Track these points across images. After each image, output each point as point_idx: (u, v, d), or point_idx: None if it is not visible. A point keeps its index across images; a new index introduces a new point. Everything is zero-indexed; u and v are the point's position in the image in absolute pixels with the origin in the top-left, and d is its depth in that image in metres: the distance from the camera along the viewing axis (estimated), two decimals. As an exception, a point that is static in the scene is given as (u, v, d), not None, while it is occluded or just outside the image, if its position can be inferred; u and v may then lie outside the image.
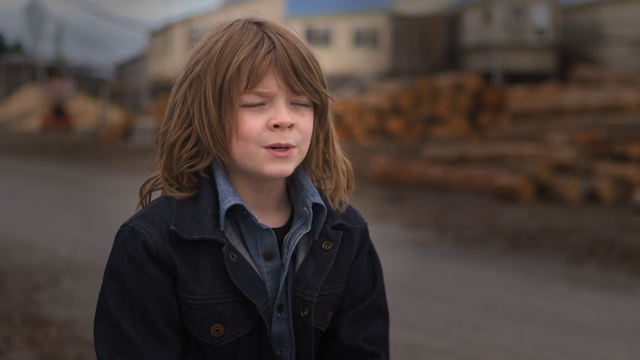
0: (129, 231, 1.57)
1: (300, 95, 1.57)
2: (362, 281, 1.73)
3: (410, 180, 14.57)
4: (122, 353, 1.54)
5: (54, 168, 19.23)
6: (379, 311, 1.74)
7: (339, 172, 1.69)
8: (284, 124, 1.54)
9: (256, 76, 1.53)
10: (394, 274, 6.79)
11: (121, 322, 1.54)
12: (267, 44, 1.55)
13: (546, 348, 5.23)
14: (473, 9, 30.51)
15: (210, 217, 1.56)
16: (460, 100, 22.00)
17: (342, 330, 1.69)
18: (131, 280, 1.54)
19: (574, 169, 13.06)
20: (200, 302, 1.56)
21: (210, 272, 1.56)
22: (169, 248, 1.55)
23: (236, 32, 1.57)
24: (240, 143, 1.55)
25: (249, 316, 1.58)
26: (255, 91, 1.54)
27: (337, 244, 1.65)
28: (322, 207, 1.63)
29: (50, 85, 39.14)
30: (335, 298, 1.68)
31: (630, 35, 26.67)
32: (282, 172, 1.57)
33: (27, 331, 5.33)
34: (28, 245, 8.54)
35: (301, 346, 1.64)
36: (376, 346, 1.71)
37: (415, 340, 5.27)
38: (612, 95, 14.87)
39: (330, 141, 1.68)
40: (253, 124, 1.54)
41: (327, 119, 1.65)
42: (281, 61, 1.54)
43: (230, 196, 1.57)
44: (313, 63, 1.58)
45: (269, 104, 1.56)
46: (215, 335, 1.57)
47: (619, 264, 7.81)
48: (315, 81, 1.58)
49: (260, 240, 1.60)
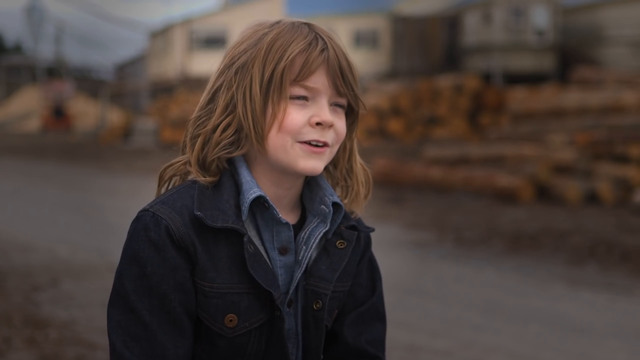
0: (150, 216, 1.56)
1: (342, 97, 1.62)
2: (363, 284, 1.76)
3: (410, 181, 14.57)
4: (136, 338, 1.53)
5: (53, 169, 19.22)
6: (378, 315, 1.77)
7: (359, 183, 1.73)
8: (326, 122, 1.58)
9: (309, 70, 1.57)
10: (394, 275, 6.79)
11: (138, 306, 1.53)
12: (320, 43, 1.59)
13: (546, 349, 5.23)
14: (473, 9, 30.50)
15: (232, 207, 1.58)
16: (460, 101, 22.00)
17: (345, 331, 1.72)
18: (152, 265, 1.54)
19: (573, 169, 13.05)
20: (218, 291, 1.57)
21: (227, 262, 1.57)
22: (192, 234, 1.55)
23: (287, 28, 1.61)
24: (279, 135, 1.58)
25: (262, 308, 1.59)
26: (304, 84, 1.58)
27: (352, 243, 1.68)
28: (340, 207, 1.66)
29: (50, 86, 39.14)
30: (342, 296, 1.71)
31: (630, 36, 26.67)
32: (315, 169, 1.60)
33: (27, 332, 5.32)
34: (28, 246, 8.54)
35: (310, 341, 1.66)
36: (376, 350, 1.74)
37: (415, 341, 5.27)
38: (612, 96, 14.87)
39: (355, 150, 1.73)
40: (296, 117, 1.57)
41: (356, 127, 1.70)
42: (332, 62, 1.59)
43: (254, 187, 1.59)
44: (355, 70, 1.64)
45: (312, 101, 1.59)
46: (228, 326, 1.58)
47: (619, 265, 7.81)
48: (356, 87, 1.63)
49: (277, 233, 1.62)
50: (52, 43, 50.99)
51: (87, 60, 74.11)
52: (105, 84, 43.55)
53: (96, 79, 53.83)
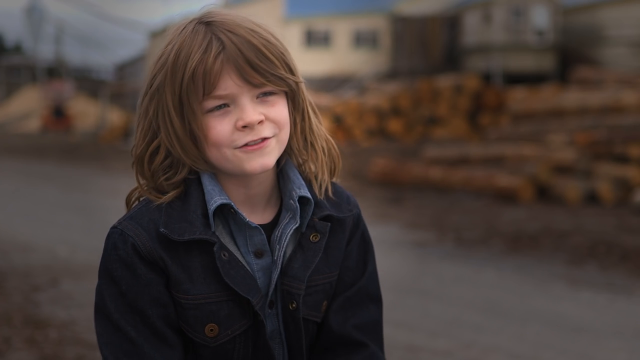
0: (118, 234, 1.56)
1: (263, 87, 1.53)
2: (352, 267, 1.69)
3: (410, 181, 14.57)
4: (127, 354, 1.53)
5: (53, 169, 19.23)
6: (369, 297, 1.70)
7: (318, 152, 1.65)
8: (250, 123, 1.51)
9: (210, 81, 1.50)
10: (394, 274, 6.79)
11: (122, 324, 1.53)
12: (216, 45, 1.51)
13: (546, 349, 5.23)
14: (473, 9, 30.51)
15: (200, 216, 1.55)
16: (460, 101, 22.00)
17: (330, 317, 1.66)
18: (125, 283, 1.53)
19: (573, 169, 13.05)
20: (193, 302, 1.55)
21: (202, 272, 1.55)
22: (158, 249, 1.53)
23: (187, 37, 1.54)
24: (212, 149, 1.53)
25: (243, 315, 1.57)
26: (214, 95, 1.51)
27: (325, 235, 1.63)
28: (309, 200, 1.61)
29: (50, 86, 39.16)
30: (329, 288, 1.66)
31: (630, 36, 26.67)
32: (264, 166, 1.54)
33: (27, 332, 5.33)
34: (28, 246, 8.54)
35: (292, 340, 1.63)
36: (367, 333, 1.68)
37: (415, 341, 5.27)
38: (612, 96, 14.87)
39: (307, 122, 1.64)
40: (221, 129, 1.52)
41: (300, 101, 1.61)
42: (233, 59, 1.50)
43: (216, 196, 1.55)
44: (271, 51, 1.53)
45: (233, 105, 1.53)
46: (209, 335, 1.56)
47: (619, 264, 7.81)
48: (276, 69, 1.53)
49: (250, 238, 1.59)
50: (52, 43, 51.04)
51: (87, 60, 74.05)
52: (105, 84, 43.58)
53: (96, 79, 53.88)
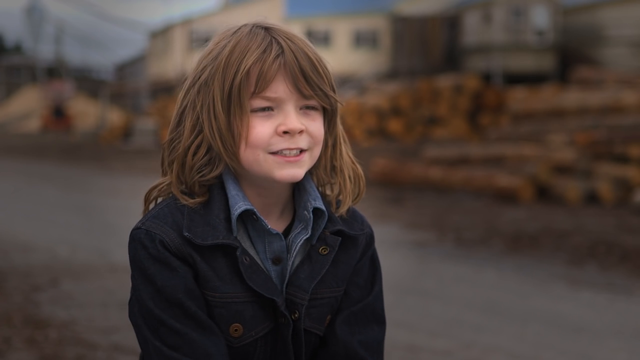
0: (143, 234, 1.55)
1: (310, 99, 1.55)
2: (360, 284, 1.70)
3: (410, 181, 14.57)
4: (175, 347, 1.52)
5: (53, 169, 19.22)
6: (374, 316, 1.71)
7: (346, 179, 1.67)
8: (293, 130, 1.53)
9: (265, 80, 1.51)
10: (394, 274, 6.78)
11: (165, 318, 1.53)
12: (275, 48, 1.53)
13: (546, 349, 5.23)
14: (473, 9, 30.52)
15: (222, 221, 1.56)
16: (460, 101, 22.00)
17: (337, 329, 1.66)
18: (160, 279, 1.53)
19: (574, 170, 13.05)
20: (221, 300, 1.55)
21: (228, 272, 1.56)
22: (187, 247, 1.54)
23: (244, 37, 1.55)
24: (249, 149, 1.54)
25: (267, 317, 1.58)
26: (264, 96, 1.52)
27: (335, 249, 1.63)
28: (323, 212, 1.62)
29: (50, 86, 39.16)
30: (334, 302, 1.66)
31: (630, 36, 26.67)
32: (294, 177, 1.56)
33: (27, 332, 5.32)
34: (28, 246, 8.54)
35: (296, 350, 1.63)
36: (371, 352, 1.68)
37: (415, 341, 5.27)
38: (612, 96, 14.87)
39: (338, 147, 1.67)
40: (262, 130, 1.53)
41: (336, 123, 1.64)
42: (290, 65, 1.52)
43: (240, 201, 1.56)
44: (322, 67, 1.56)
45: (277, 110, 1.54)
46: (234, 335, 1.57)
47: (619, 265, 7.81)
48: (324, 85, 1.56)
49: (269, 244, 1.60)
50: (52, 43, 51.04)
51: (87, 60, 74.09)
52: (105, 84, 43.59)
53: (96, 79, 53.89)
